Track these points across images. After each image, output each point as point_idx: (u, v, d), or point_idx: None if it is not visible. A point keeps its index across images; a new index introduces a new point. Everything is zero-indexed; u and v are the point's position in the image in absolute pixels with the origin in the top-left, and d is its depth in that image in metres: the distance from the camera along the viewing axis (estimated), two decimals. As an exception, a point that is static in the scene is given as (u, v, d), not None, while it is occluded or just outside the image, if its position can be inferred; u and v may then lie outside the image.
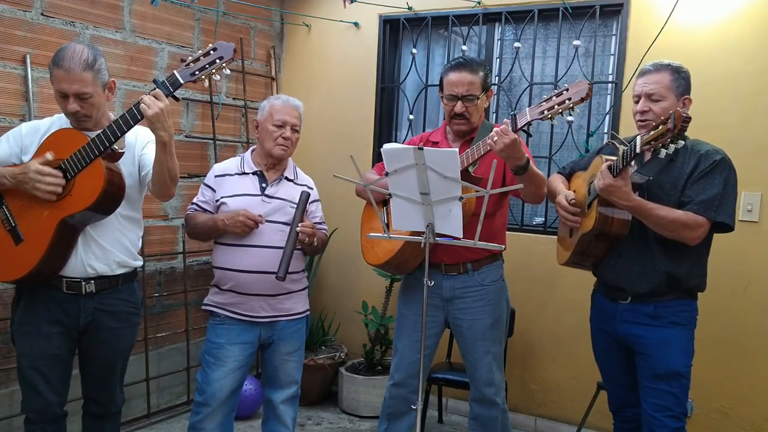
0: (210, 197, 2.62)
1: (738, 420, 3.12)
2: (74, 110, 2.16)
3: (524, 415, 3.61)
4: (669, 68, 2.28)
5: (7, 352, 2.93)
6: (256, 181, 2.61)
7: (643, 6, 3.23)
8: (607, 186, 2.15)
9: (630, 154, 2.09)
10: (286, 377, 2.67)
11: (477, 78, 2.50)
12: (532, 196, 2.46)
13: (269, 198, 2.58)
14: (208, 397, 2.54)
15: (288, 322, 2.64)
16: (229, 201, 2.56)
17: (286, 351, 2.65)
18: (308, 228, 2.49)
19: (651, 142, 2.01)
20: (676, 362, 2.26)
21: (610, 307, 2.41)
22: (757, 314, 3.05)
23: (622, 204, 2.18)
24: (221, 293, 2.60)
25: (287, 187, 2.64)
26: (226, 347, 2.56)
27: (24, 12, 2.92)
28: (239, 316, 2.57)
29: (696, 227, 2.17)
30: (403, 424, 2.68)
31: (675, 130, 1.93)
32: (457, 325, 2.62)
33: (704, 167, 2.21)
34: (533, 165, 2.32)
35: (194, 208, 2.65)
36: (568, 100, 2.14)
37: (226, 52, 2.14)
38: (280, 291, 2.57)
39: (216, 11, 3.78)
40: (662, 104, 2.24)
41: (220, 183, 2.62)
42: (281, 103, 2.62)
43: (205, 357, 2.59)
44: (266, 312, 2.58)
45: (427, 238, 2.08)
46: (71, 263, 2.24)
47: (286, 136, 2.58)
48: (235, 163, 2.68)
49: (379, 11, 3.92)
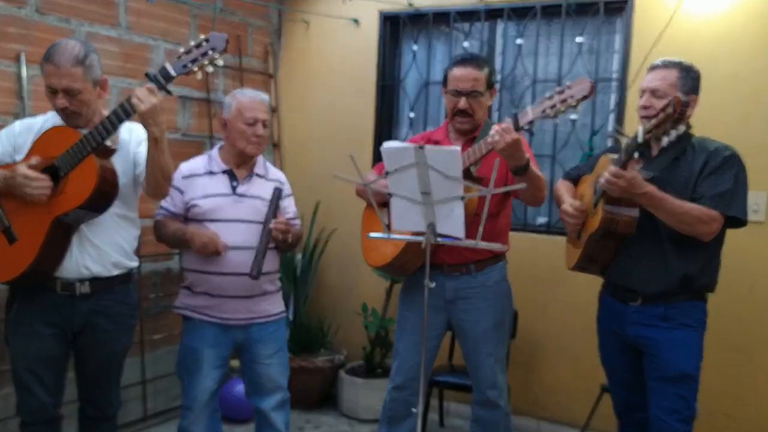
0: (179, 200, 2.53)
1: (743, 422, 3.09)
2: (62, 106, 2.14)
3: (527, 418, 3.58)
4: (678, 66, 2.27)
5: (1, 354, 2.89)
6: (226, 180, 2.54)
7: (648, 3, 3.20)
8: (614, 173, 2.11)
9: (633, 144, 2.09)
10: (270, 383, 2.61)
11: (482, 74, 2.48)
12: (532, 198, 2.44)
13: (241, 197, 2.52)
14: (190, 401, 2.53)
15: (263, 324, 2.59)
16: (201, 203, 2.49)
17: (266, 354, 2.60)
18: (282, 224, 2.45)
19: (652, 130, 2.04)
20: (686, 365, 2.26)
21: (619, 309, 2.39)
22: (763, 315, 3.03)
23: (633, 193, 2.14)
24: (194, 296, 2.55)
25: (259, 183, 2.58)
26: (202, 350, 2.52)
27: (18, 9, 2.88)
28: (213, 319, 2.52)
29: (710, 221, 2.16)
30: (404, 427, 2.64)
31: (675, 114, 1.97)
32: (460, 327, 2.60)
33: (714, 164, 2.21)
34: (533, 166, 2.30)
35: (163, 213, 2.56)
36: (571, 98, 2.13)
37: (218, 43, 2.10)
38: (255, 292, 2.53)
39: (213, 7, 3.73)
40: (665, 101, 2.21)
41: (189, 184, 2.53)
42: (249, 100, 2.52)
43: (183, 362, 2.57)
44: (242, 314, 2.53)
45: (428, 238, 2.05)
46: (66, 264, 2.22)
47: (259, 134, 2.51)
48: (202, 162, 2.59)
49: (379, 7, 3.88)
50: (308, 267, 3.99)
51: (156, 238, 2.61)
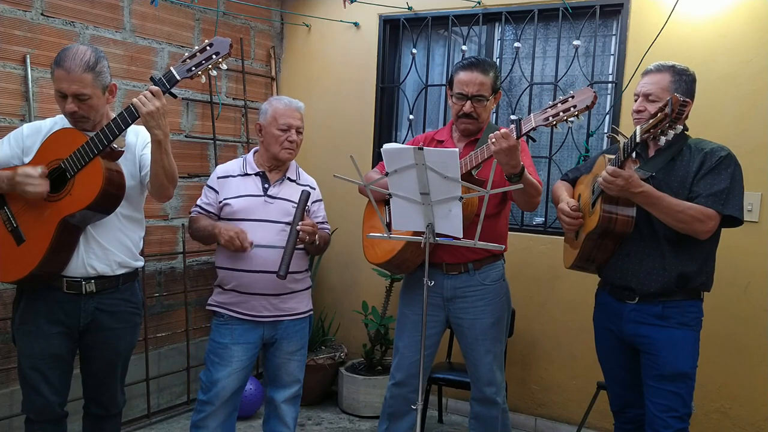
0: (213, 199, 2.62)
1: (738, 420, 3.12)
2: (72, 110, 2.16)
3: (524, 415, 3.61)
4: (671, 70, 2.28)
5: (7, 352, 2.93)
6: (258, 182, 2.61)
7: (643, 6, 3.23)
8: (611, 172, 2.13)
9: (631, 144, 2.10)
10: (289, 376, 2.68)
11: (488, 79, 2.50)
12: (525, 204, 2.47)
13: (272, 198, 2.58)
14: (211, 396, 2.55)
15: (291, 322, 2.64)
16: (233, 202, 2.57)
17: (289, 350, 2.66)
18: (308, 226, 2.49)
19: (650, 129, 2.03)
20: (683, 363, 2.27)
21: (616, 307, 2.40)
22: (757, 314, 3.05)
23: (631, 192, 2.15)
24: (224, 293, 2.60)
25: (290, 187, 2.64)
26: (230, 347, 2.56)
27: (24, 12, 2.92)
28: (242, 316, 2.57)
29: (706, 220, 2.17)
30: (404, 423, 2.68)
31: (672, 114, 1.95)
32: (458, 325, 2.62)
33: (710, 164, 2.22)
34: (528, 174, 2.31)
35: (197, 211, 2.64)
36: (573, 108, 2.14)
37: (222, 48, 2.14)
38: (282, 290, 2.58)
39: (216, 11, 3.78)
40: (658, 105, 2.22)
41: (223, 184, 2.62)
42: (284, 107, 2.61)
43: (210, 357, 2.60)
44: (269, 311, 2.58)
45: (427, 238, 2.08)
46: (72, 263, 2.24)
47: (292, 140, 2.59)
48: (237, 165, 2.68)
49: (379, 11, 3.92)
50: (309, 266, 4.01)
51: (189, 233, 2.67)
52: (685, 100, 1.95)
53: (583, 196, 2.45)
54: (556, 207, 2.57)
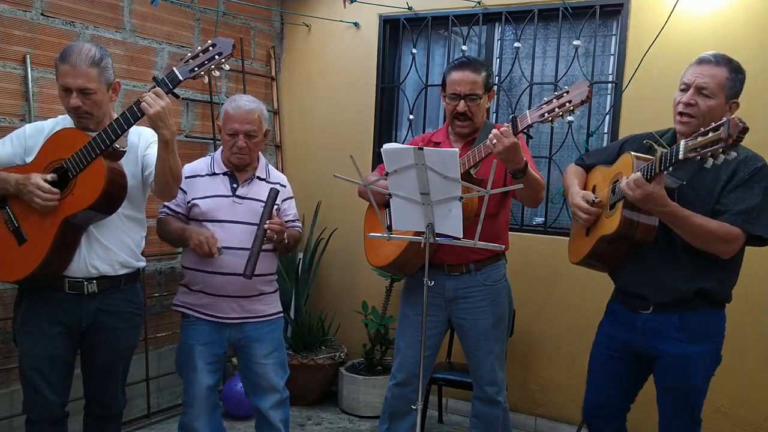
0: (181, 200, 2.56)
1: (738, 420, 3.12)
2: (76, 105, 2.16)
3: (524, 415, 3.61)
4: (729, 65, 2.06)
5: (7, 352, 2.92)
6: (227, 181, 2.57)
7: (643, 6, 3.23)
8: (645, 196, 1.93)
9: (669, 158, 1.86)
10: (266, 383, 2.62)
11: (480, 77, 2.50)
12: (530, 200, 2.45)
13: (240, 199, 2.54)
14: (189, 398, 2.56)
15: (259, 324, 2.60)
16: (200, 203, 2.52)
17: (262, 354, 2.61)
18: (276, 225, 2.45)
19: (698, 149, 1.78)
20: (698, 379, 2.16)
21: (629, 318, 2.24)
22: (757, 315, 3.05)
23: (656, 210, 1.99)
24: (191, 293, 2.58)
25: (259, 186, 2.60)
26: (196, 347, 2.55)
27: (24, 12, 2.92)
28: (208, 317, 2.55)
29: (732, 240, 2.00)
30: (405, 423, 2.68)
31: (729, 140, 1.71)
32: (460, 325, 2.62)
33: (743, 174, 2.02)
34: (531, 169, 2.31)
35: (165, 212, 2.60)
36: (569, 103, 2.13)
37: (225, 48, 2.14)
38: (250, 292, 2.55)
39: (216, 11, 3.78)
40: (710, 102, 2.04)
41: (191, 184, 2.57)
42: (233, 110, 2.52)
43: (179, 358, 2.60)
44: (236, 313, 2.56)
45: (427, 238, 2.08)
46: (74, 263, 2.23)
47: (240, 146, 2.51)
48: (205, 164, 2.63)
49: (379, 11, 3.92)
50: (309, 266, 4.03)
51: (158, 235, 2.63)
52: (746, 127, 1.71)
53: (600, 192, 2.28)
54: (565, 192, 2.43)
